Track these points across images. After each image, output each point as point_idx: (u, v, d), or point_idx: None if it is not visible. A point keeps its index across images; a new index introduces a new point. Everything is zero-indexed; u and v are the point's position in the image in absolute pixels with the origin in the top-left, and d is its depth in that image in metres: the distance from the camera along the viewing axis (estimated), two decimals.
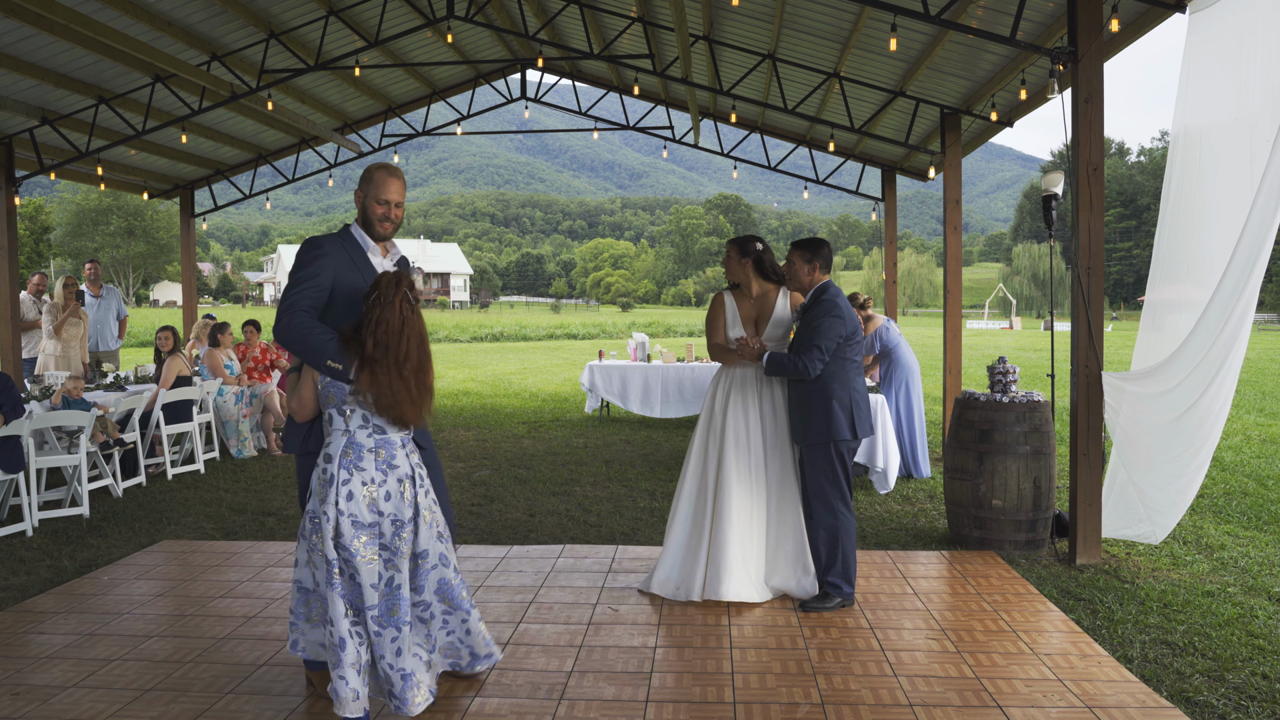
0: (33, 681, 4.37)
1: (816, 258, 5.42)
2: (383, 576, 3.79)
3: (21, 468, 7.11)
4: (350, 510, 3.73)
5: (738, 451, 5.49)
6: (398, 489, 3.80)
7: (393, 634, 3.77)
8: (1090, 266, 6.23)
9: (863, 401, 5.38)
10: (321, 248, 4.04)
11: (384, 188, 4.13)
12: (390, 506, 3.78)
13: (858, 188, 14.55)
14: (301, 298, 3.93)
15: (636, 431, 12.59)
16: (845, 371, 5.32)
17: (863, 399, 5.39)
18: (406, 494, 3.83)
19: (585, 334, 46.81)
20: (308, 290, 3.95)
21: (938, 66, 9.66)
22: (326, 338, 3.83)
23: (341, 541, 3.71)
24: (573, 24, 12.72)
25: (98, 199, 72.65)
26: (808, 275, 5.44)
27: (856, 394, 5.34)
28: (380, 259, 4.19)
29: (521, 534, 7.14)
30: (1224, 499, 8.24)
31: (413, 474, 3.88)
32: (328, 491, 3.75)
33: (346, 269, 4.04)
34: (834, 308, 5.29)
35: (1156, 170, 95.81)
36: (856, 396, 5.34)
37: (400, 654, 3.79)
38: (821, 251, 5.43)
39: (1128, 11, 7.01)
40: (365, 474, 3.77)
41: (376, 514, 3.76)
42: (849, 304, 5.42)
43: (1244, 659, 4.57)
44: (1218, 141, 5.70)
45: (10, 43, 9.38)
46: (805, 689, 4.25)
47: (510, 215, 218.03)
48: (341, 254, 4.07)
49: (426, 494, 3.94)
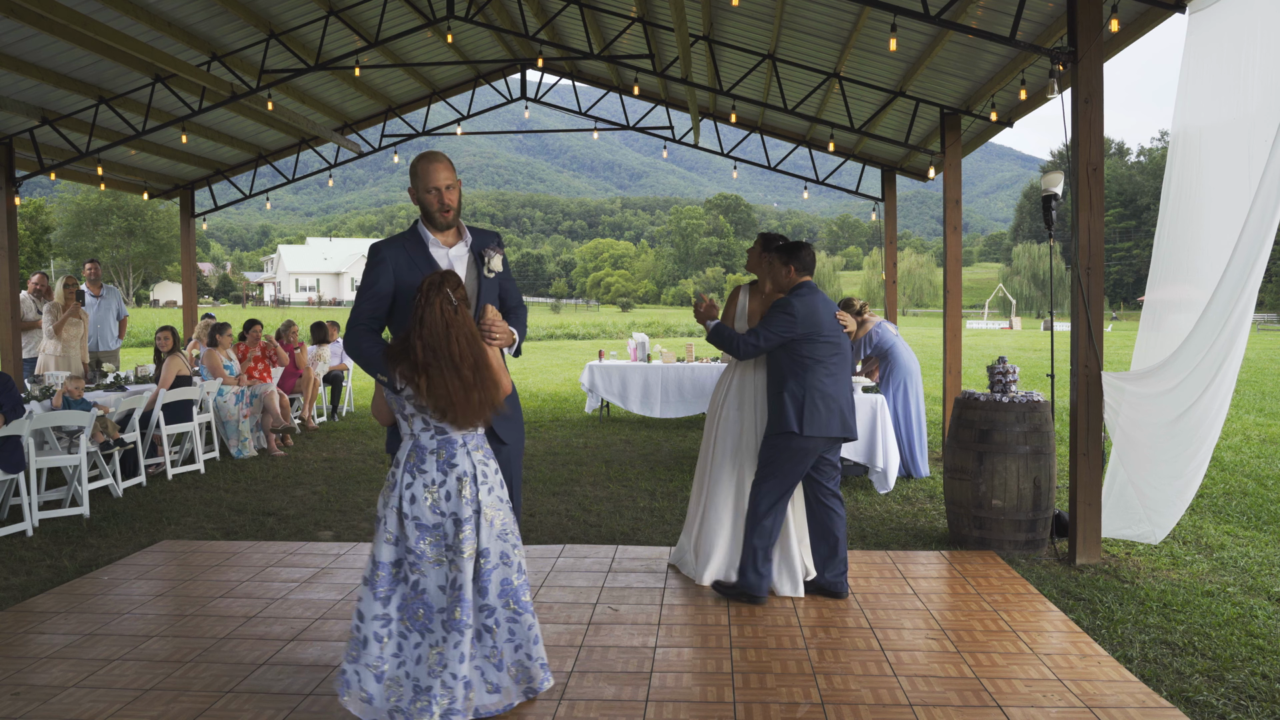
0: (33, 681, 4.37)
1: (793, 260, 5.52)
2: (449, 577, 3.77)
3: (22, 468, 7.11)
4: (414, 513, 3.74)
5: (730, 444, 5.76)
6: (456, 487, 3.76)
7: (456, 639, 3.71)
8: (1090, 266, 6.24)
9: (821, 402, 5.33)
10: (379, 254, 4.11)
11: (429, 176, 4.08)
12: (450, 505, 3.76)
13: (858, 188, 14.56)
14: (361, 310, 4.08)
15: (636, 431, 12.59)
16: (804, 370, 5.37)
17: (825, 399, 5.33)
18: (466, 491, 3.77)
19: (585, 334, 46.85)
20: (366, 301, 4.08)
21: (937, 66, 9.67)
22: (376, 351, 3.92)
23: (409, 545, 3.74)
24: (573, 24, 12.72)
25: (98, 199, 72.73)
26: (785, 276, 5.56)
27: (815, 393, 5.33)
28: (446, 250, 4.17)
29: (521, 534, 7.13)
30: (1224, 499, 8.24)
31: (474, 471, 3.81)
32: (390, 495, 3.79)
33: (406, 270, 4.07)
34: (788, 305, 5.41)
35: (1156, 170, 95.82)
36: (814, 395, 5.33)
37: (462, 660, 3.72)
38: (798, 254, 5.52)
39: (1127, 12, 7.01)
40: (427, 476, 3.77)
41: (439, 515, 3.75)
42: (814, 309, 5.41)
43: (1244, 659, 4.57)
44: (1217, 141, 5.70)
45: (11, 43, 9.39)
46: (805, 689, 4.25)
47: (510, 215, 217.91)
48: (401, 255, 4.10)
49: (489, 491, 3.85)
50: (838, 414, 5.39)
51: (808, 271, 5.55)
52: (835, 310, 5.54)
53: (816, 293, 5.51)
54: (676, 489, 8.72)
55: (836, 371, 5.42)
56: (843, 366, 5.46)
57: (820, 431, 5.33)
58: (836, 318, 5.50)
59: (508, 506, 3.97)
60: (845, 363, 5.49)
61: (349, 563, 6.34)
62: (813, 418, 5.32)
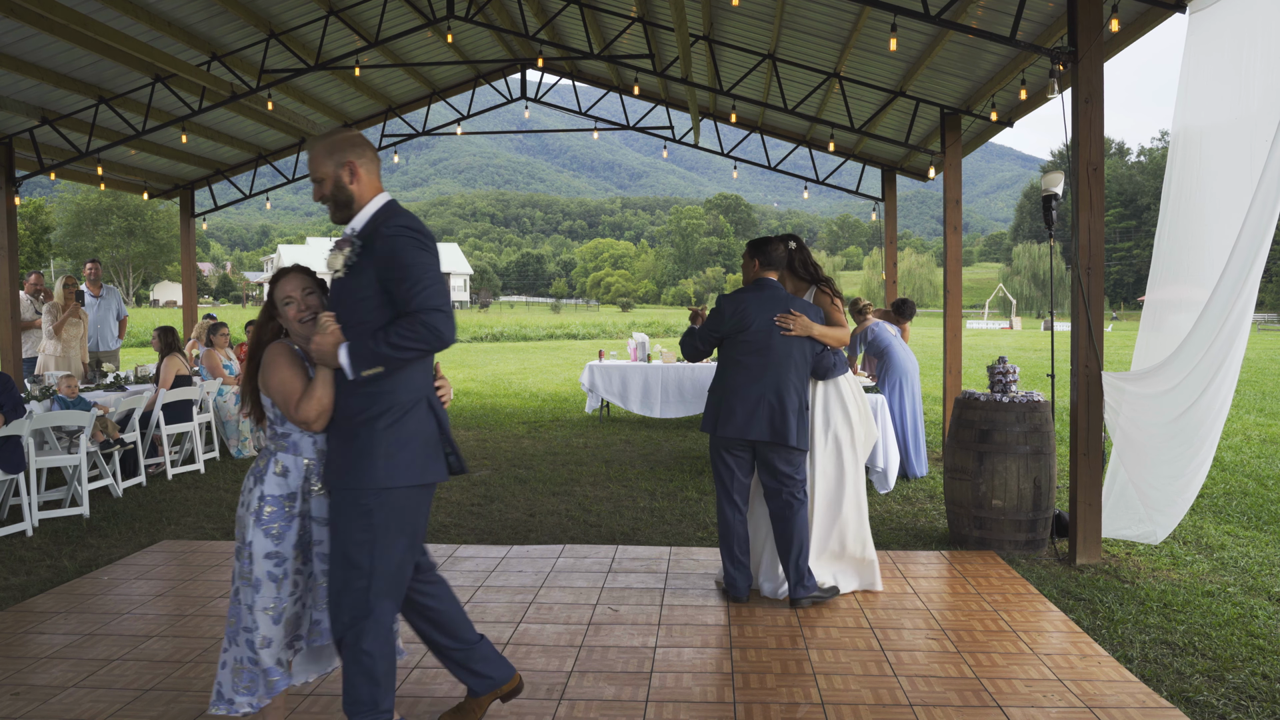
0: (33, 681, 4.37)
1: (758, 254, 5.51)
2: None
3: (22, 468, 7.11)
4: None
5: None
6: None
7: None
8: (1090, 266, 6.23)
9: (739, 404, 5.29)
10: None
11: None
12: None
13: (858, 188, 14.55)
14: None
15: (636, 431, 12.59)
16: (725, 369, 5.43)
17: (743, 401, 5.29)
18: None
19: (585, 334, 46.80)
20: None
21: (938, 66, 9.66)
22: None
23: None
24: (573, 24, 12.72)
25: (98, 199, 72.73)
26: (751, 270, 5.55)
27: (730, 394, 5.34)
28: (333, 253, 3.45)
29: (521, 534, 7.14)
30: (1224, 499, 8.23)
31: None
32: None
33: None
34: (719, 303, 5.49)
35: (1156, 170, 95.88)
36: (730, 396, 5.34)
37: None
38: (764, 248, 5.51)
39: (1127, 11, 7.01)
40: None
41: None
42: (744, 308, 5.36)
43: (1244, 659, 4.57)
44: (1218, 141, 5.70)
45: (10, 43, 9.38)
46: (805, 689, 4.25)
47: (510, 215, 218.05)
48: None
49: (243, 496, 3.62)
50: (762, 417, 5.26)
51: (773, 267, 5.50)
52: (780, 313, 5.34)
53: (764, 290, 5.42)
54: (676, 489, 8.71)
55: (760, 373, 5.30)
56: (767, 369, 5.29)
57: (732, 433, 5.32)
58: (777, 321, 5.33)
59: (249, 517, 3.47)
60: (773, 365, 5.31)
61: None
62: (727, 419, 5.34)
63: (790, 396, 5.30)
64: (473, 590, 5.71)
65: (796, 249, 5.74)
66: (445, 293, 3.34)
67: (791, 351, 5.36)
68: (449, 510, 7.93)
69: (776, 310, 5.36)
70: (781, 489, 5.37)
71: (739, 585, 5.49)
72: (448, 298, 3.34)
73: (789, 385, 5.32)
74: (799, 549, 5.35)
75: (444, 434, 3.48)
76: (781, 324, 5.32)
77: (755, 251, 5.53)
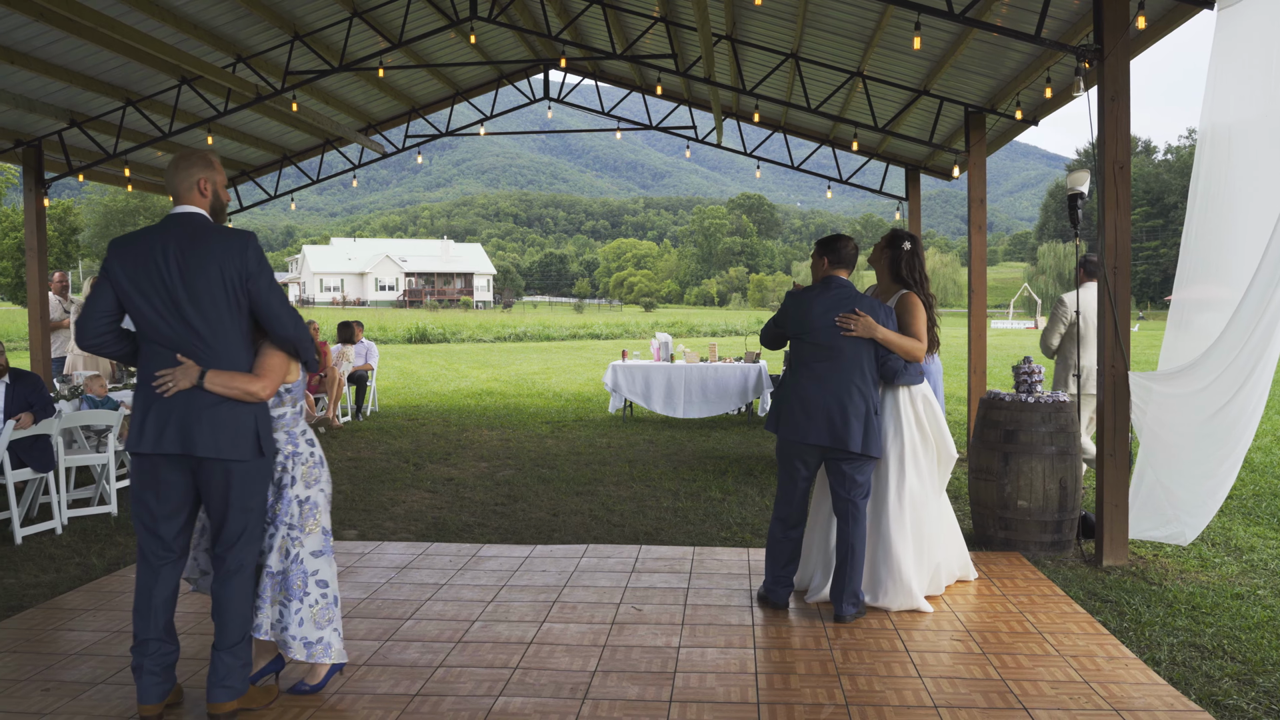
0: (62, 677, 4.42)
1: (827, 252, 5.33)
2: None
3: (52, 466, 7.20)
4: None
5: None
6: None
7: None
8: (1116, 266, 6.18)
9: (799, 405, 5.15)
10: None
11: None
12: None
13: (881, 187, 14.51)
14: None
15: (660, 432, 12.58)
16: (792, 368, 5.33)
17: (803, 403, 5.14)
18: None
19: (608, 334, 46.86)
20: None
21: (962, 65, 9.61)
22: None
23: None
24: (595, 24, 12.74)
25: (125, 200, 73.44)
26: (820, 268, 5.38)
27: (792, 394, 5.22)
28: None
29: (545, 533, 7.16)
30: (1253, 500, 8.15)
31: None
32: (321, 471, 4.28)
33: None
34: (786, 297, 5.43)
35: (1184, 168, 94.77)
36: (791, 397, 5.21)
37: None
38: (833, 245, 5.34)
39: (1154, 8, 6.94)
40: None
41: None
42: (807, 307, 5.21)
43: (1274, 662, 4.51)
44: (1246, 139, 5.64)
45: (39, 46, 9.49)
46: (829, 690, 4.23)
47: (533, 215, 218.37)
48: None
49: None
50: (822, 421, 5.09)
51: (843, 265, 5.32)
52: (841, 313, 5.13)
53: (830, 289, 5.23)
54: (700, 489, 8.71)
55: (824, 376, 5.15)
56: (832, 371, 5.12)
57: (793, 436, 5.18)
58: (838, 321, 5.13)
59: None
60: (838, 367, 5.13)
61: (373, 561, 6.36)
62: (789, 420, 5.21)
63: (853, 400, 5.09)
64: (496, 589, 5.72)
65: (910, 250, 5.54)
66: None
67: (860, 353, 5.16)
68: (473, 510, 7.95)
69: (840, 310, 5.15)
70: (842, 493, 5.19)
71: (778, 595, 5.36)
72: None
73: (852, 388, 5.11)
74: (854, 563, 5.14)
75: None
76: (842, 324, 5.11)
77: (824, 249, 5.34)
